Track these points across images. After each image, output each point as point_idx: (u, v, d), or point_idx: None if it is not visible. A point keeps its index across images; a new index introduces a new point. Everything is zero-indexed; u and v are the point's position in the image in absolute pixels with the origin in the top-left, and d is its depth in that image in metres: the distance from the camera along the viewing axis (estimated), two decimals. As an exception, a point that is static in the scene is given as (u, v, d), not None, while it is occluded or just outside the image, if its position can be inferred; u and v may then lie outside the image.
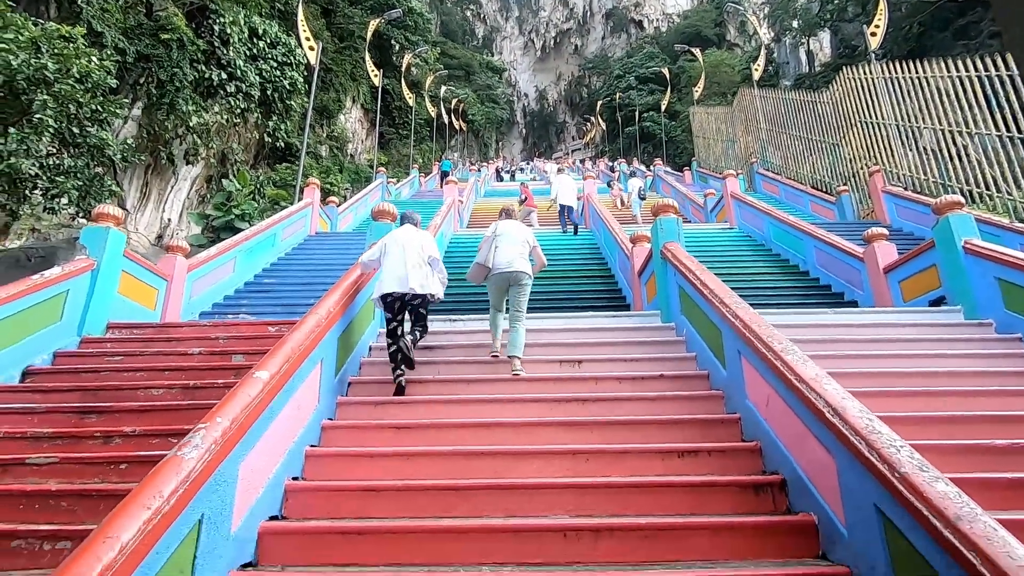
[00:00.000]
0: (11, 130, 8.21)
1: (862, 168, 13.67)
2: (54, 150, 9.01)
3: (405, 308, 4.58)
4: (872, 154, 13.68)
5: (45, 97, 8.36)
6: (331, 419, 4.00)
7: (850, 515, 2.57)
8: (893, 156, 13.01)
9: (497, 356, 4.94)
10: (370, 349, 5.13)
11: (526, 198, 12.84)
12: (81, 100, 8.96)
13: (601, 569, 2.67)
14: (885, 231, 7.25)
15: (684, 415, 3.94)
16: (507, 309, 5.07)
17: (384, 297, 4.55)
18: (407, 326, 4.64)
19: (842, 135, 15.18)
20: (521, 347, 4.71)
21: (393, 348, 4.43)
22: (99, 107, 9.36)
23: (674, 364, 4.74)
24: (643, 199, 14.96)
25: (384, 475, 3.40)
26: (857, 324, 5.45)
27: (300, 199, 12.63)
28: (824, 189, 15.50)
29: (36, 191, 8.67)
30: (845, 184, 14.06)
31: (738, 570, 2.60)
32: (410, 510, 3.11)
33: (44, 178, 8.58)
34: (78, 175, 9.07)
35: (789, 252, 9.42)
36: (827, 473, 2.77)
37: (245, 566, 2.72)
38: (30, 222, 12.41)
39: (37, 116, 8.29)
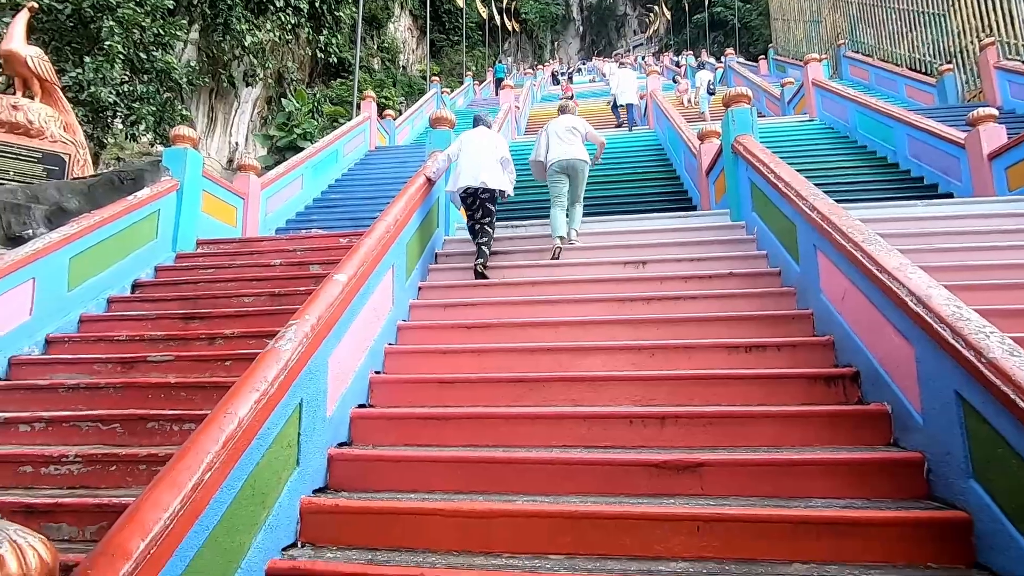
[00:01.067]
0: (86, 59, 8.55)
1: (971, 42, 11.95)
2: (126, 77, 9.36)
3: (478, 203, 5.04)
4: (986, 23, 11.87)
5: (111, 23, 8.57)
6: (405, 320, 4.24)
7: (927, 402, 2.52)
8: (1013, 23, 11.24)
9: (563, 239, 5.13)
10: (436, 256, 5.29)
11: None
12: (144, 24, 9.13)
13: (666, 452, 2.80)
14: (994, 112, 6.45)
15: (753, 312, 3.88)
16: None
17: (462, 193, 5.09)
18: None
19: (949, 3, 13.18)
20: (578, 221, 5.38)
21: (474, 243, 5.07)
22: (160, 30, 9.53)
23: (744, 262, 4.60)
24: (712, 94, 13.88)
25: (457, 369, 3.62)
26: (951, 216, 5.02)
27: (357, 114, 12.63)
28: (924, 71, 13.76)
29: (116, 119, 9.14)
30: (949, 62, 12.40)
31: (806, 454, 2.66)
32: (483, 399, 3.33)
33: (122, 105, 9.00)
34: (151, 101, 9.45)
35: (877, 142, 8.60)
36: (905, 362, 2.70)
37: (341, 445, 3.05)
38: (115, 151, 13.22)
39: (107, 43, 8.55)
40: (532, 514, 2.46)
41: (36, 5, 7.20)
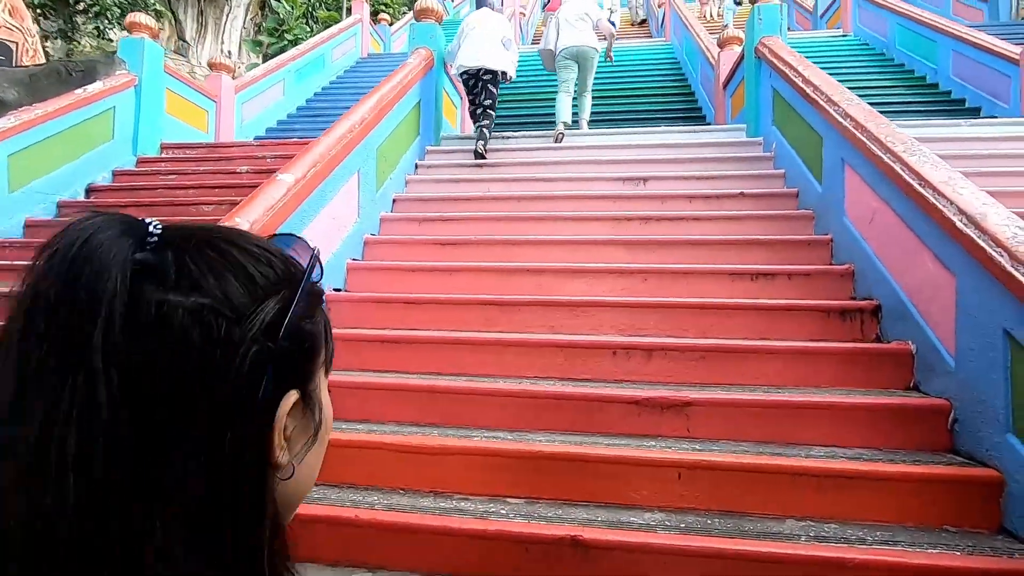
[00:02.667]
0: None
1: (1036, -51, 10.60)
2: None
3: (479, 84, 4.95)
4: (1056, -73, 10.47)
5: None
6: (374, 235, 3.81)
7: (964, 342, 2.12)
8: (1087, -72, 9.90)
9: (566, 124, 5.14)
10: (416, 167, 4.77)
11: None
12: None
13: (650, 388, 2.45)
14: (1060, 21, 5.63)
15: (764, 235, 3.42)
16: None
17: (462, 75, 5.01)
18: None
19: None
20: (588, 111, 5.45)
21: (471, 108, 5.15)
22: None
23: (758, 182, 4.09)
24: (739, 4, 12.63)
25: (426, 289, 3.24)
26: (999, 137, 4.42)
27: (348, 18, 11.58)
28: (976, -17, 12.39)
29: (79, 8, 8.32)
30: (1007, -27, 11.09)
31: (811, 396, 2.30)
32: (451, 323, 2.97)
33: (85, -5, 8.15)
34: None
35: (917, 60, 7.72)
36: (941, 295, 2.27)
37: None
38: (87, 52, 12.30)
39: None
40: (490, 452, 2.14)
41: None
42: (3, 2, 5.77)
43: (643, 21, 13.80)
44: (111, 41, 10.06)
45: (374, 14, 12.82)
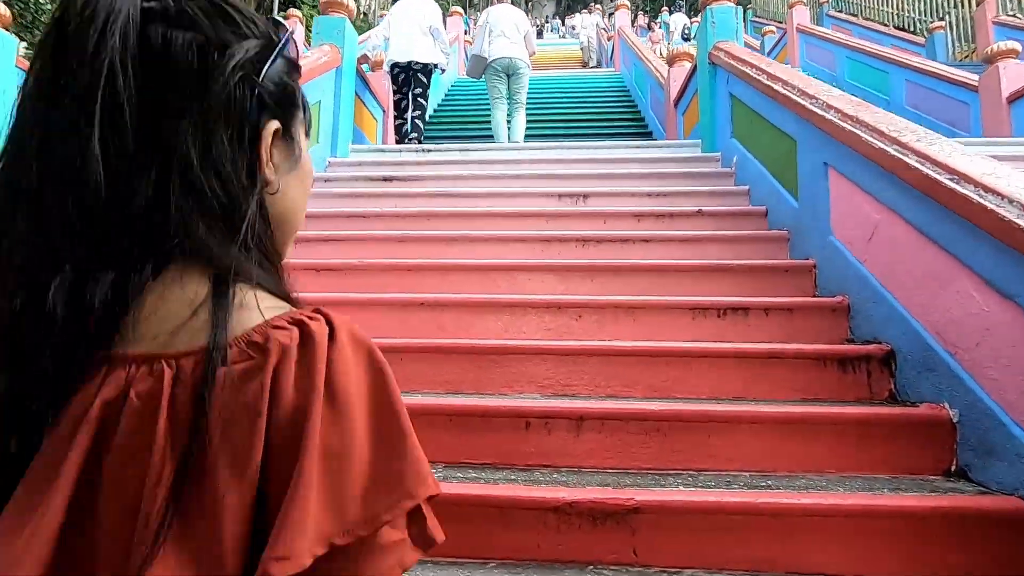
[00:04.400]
0: None
1: (966, -1, 10.97)
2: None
3: (410, 80, 4.90)
4: (983, -22, 10.88)
5: None
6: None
7: (1050, 411, 1.37)
8: (1013, -23, 10.26)
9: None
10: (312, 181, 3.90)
11: None
12: None
13: (580, 480, 1.61)
14: (1017, 47, 5.38)
15: (729, 260, 2.69)
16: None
17: (392, 68, 4.90)
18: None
19: (945, -44, 12.16)
20: (521, 130, 5.25)
21: (399, 122, 5.03)
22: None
23: (718, 199, 3.41)
24: (687, 39, 12.60)
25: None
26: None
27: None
28: (911, 29, 12.79)
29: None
30: (941, 19, 11.43)
31: (825, 497, 1.49)
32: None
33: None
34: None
35: (870, 93, 7.48)
36: (996, 335, 1.54)
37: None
38: None
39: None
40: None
41: None
42: None
43: (596, 65, 13.54)
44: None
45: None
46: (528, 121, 6.82)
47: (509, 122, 5.36)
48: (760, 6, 23.96)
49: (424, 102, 5.12)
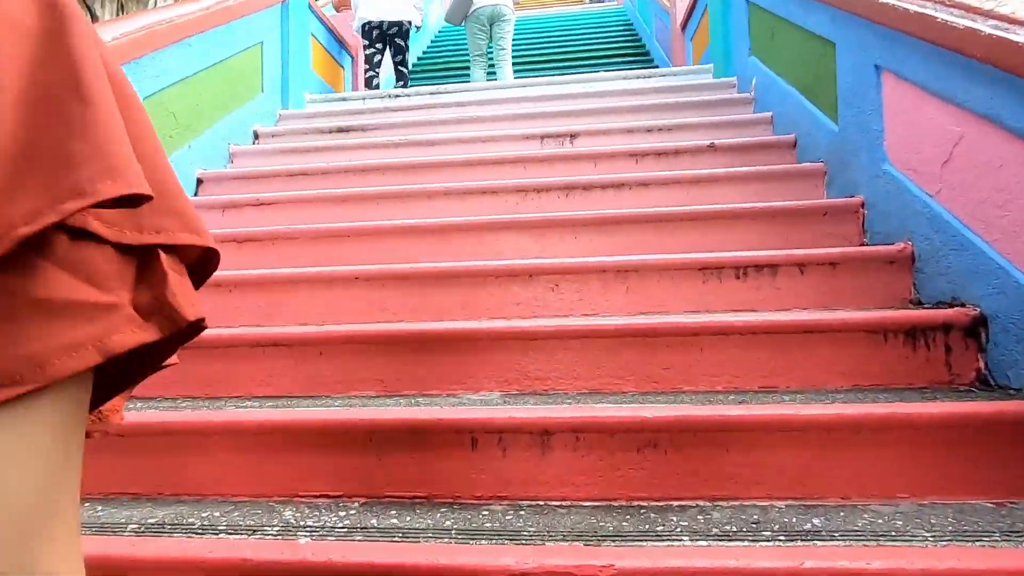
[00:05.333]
0: None
1: None
2: None
3: (384, 39, 4.62)
4: None
5: None
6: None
7: None
8: None
9: None
10: (256, 136, 3.36)
11: None
12: None
13: (541, 513, 1.13)
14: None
15: (750, 204, 2.13)
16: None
17: (363, 27, 4.58)
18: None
19: None
20: (509, 80, 4.65)
21: (370, 75, 4.62)
22: None
23: (734, 130, 2.80)
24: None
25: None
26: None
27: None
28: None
29: None
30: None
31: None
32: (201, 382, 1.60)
33: None
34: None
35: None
36: None
37: None
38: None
39: None
40: None
41: None
42: None
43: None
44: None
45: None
46: (518, 67, 6.15)
47: (492, 75, 4.98)
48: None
49: (405, 69, 4.78)
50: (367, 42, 4.63)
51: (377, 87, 4.59)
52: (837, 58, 2.15)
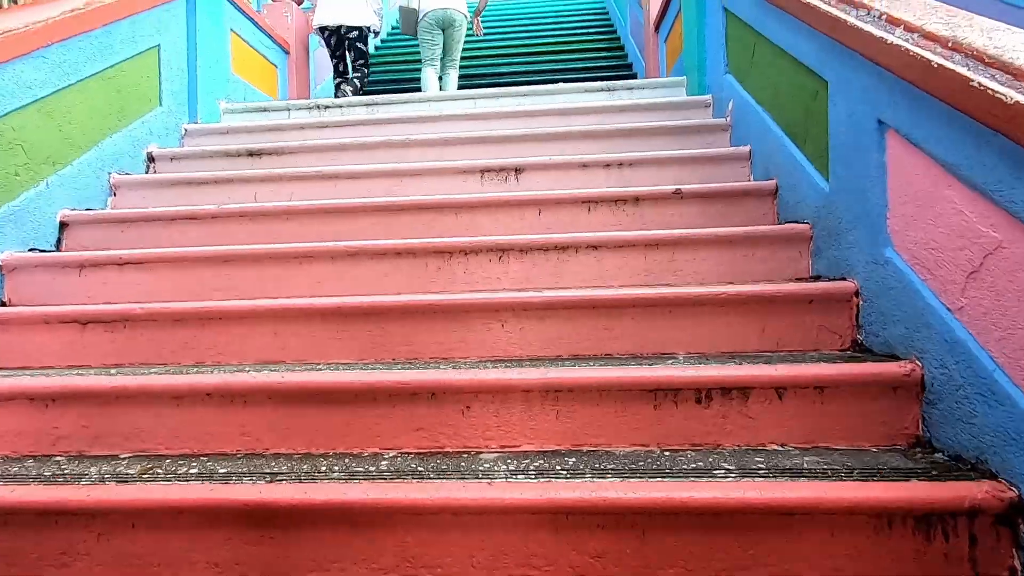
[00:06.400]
0: None
1: None
2: None
3: (343, 43, 4.49)
4: None
5: None
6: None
7: None
8: None
9: None
10: (151, 160, 2.84)
11: None
12: None
13: None
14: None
15: (718, 287, 1.72)
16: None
17: (322, 31, 4.44)
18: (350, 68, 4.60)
19: None
20: (452, 90, 4.52)
21: (338, 81, 4.50)
22: None
23: (704, 168, 2.38)
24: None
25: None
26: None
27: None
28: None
29: None
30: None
31: None
32: None
33: None
34: None
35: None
36: None
37: None
38: None
39: None
40: None
41: None
42: None
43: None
44: None
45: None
46: (481, 61, 5.64)
47: (441, 81, 4.63)
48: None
49: (366, 69, 4.60)
50: (329, 50, 4.50)
51: (346, 94, 4.38)
52: (830, 101, 1.73)
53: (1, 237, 2.08)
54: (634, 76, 5.21)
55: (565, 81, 4.93)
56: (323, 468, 1.30)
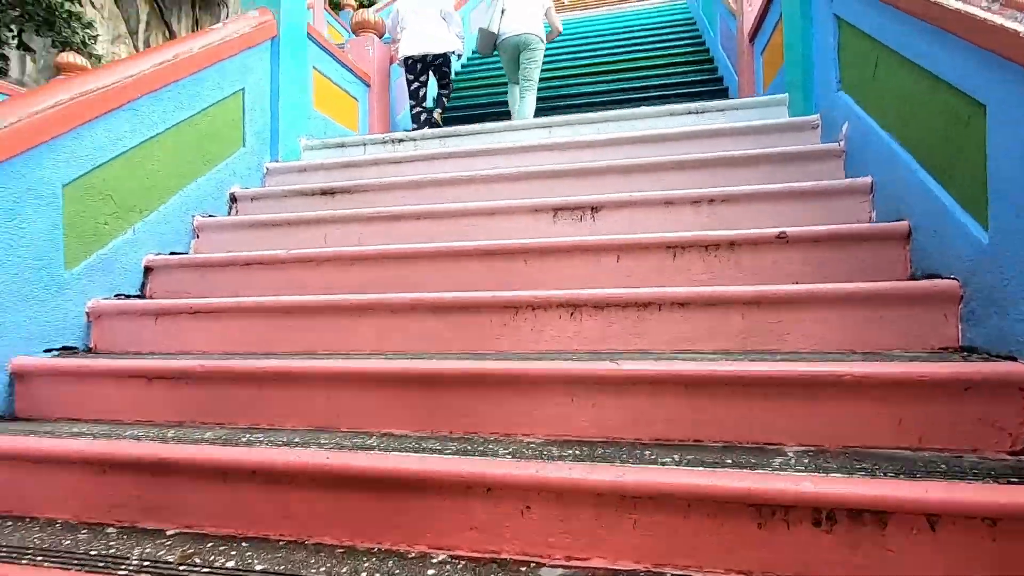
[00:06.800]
0: None
1: None
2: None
3: (428, 69, 4.56)
4: None
5: None
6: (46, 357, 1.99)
7: None
8: None
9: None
10: (233, 201, 2.91)
11: None
12: None
13: None
14: None
15: (842, 364, 1.41)
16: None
17: (405, 61, 4.52)
18: (432, 91, 4.80)
19: None
20: (528, 111, 4.42)
21: (417, 110, 4.54)
22: None
23: (814, 206, 2.05)
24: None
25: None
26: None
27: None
28: None
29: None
30: None
31: None
32: None
33: None
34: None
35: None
36: None
37: None
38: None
39: None
40: None
41: None
42: None
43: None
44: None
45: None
46: (560, 81, 5.48)
47: (520, 102, 4.56)
48: None
49: (448, 92, 4.77)
50: (411, 76, 4.54)
51: (426, 121, 4.56)
52: (988, 128, 1.38)
53: (90, 284, 2.16)
54: (725, 91, 4.83)
55: (649, 99, 4.66)
56: (363, 573, 1.15)
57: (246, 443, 1.49)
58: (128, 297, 2.28)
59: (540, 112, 4.60)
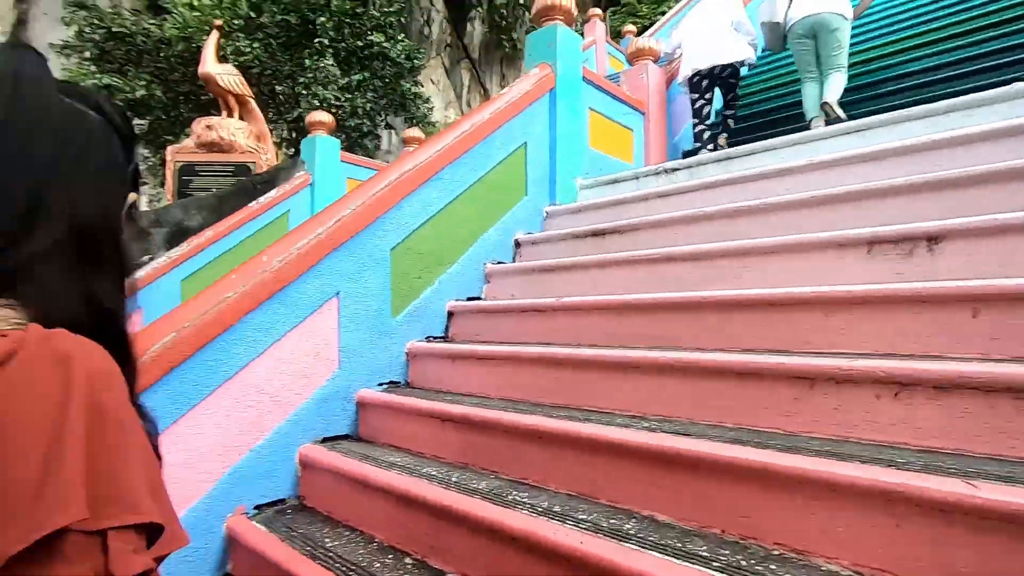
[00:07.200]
0: (306, 61, 8.89)
1: None
2: (341, 70, 9.50)
3: (714, 84, 4.32)
4: None
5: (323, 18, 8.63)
6: (376, 389, 2.44)
7: None
8: None
9: (827, 118, 3.65)
10: (517, 247, 3.17)
11: None
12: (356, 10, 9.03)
13: None
14: None
15: None
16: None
17: (690, 79, 4.32)
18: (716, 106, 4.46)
19: None
20: (834, 94, 3.71)
21: (699, 128, 4.32)
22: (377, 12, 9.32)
23: None
24: None
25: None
26: None
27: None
28: None
29: (342, 115, 9.41)
30: None
31: None
32: None
33: (343, 99, 9.19)
34: (369, 87, 9.43)
35: None
36: None
37: None
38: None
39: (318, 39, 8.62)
40: None
41: (222, 23, 7.62)
42: (246, 131, 6.62)
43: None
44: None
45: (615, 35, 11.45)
46: (873, 65, 4.46)
47: (822, 88, 3.84)
48: None
49: (733, 111, 4.44)
50: (695, 95, 4.32)
51: (711, 139, 4.29)
52: None
53: (408, 328, 2.60)
54: None
55: (990, 70, 3.44)
56: None
57: (512, 502, 1.53)
58: (435, 339, 2.67)
59: (845, 106, 3.79)
